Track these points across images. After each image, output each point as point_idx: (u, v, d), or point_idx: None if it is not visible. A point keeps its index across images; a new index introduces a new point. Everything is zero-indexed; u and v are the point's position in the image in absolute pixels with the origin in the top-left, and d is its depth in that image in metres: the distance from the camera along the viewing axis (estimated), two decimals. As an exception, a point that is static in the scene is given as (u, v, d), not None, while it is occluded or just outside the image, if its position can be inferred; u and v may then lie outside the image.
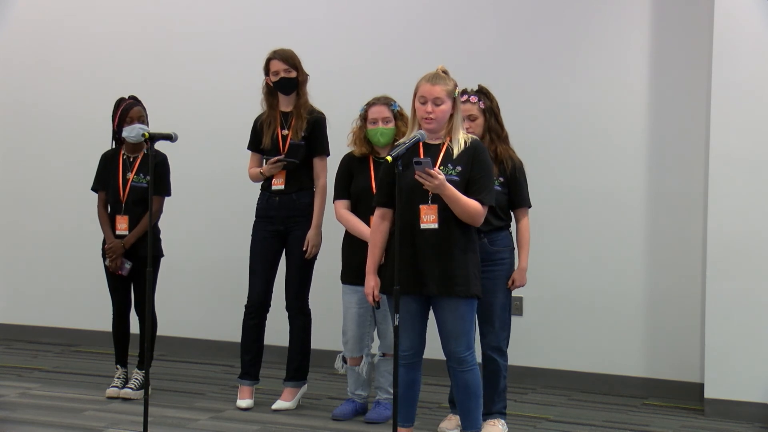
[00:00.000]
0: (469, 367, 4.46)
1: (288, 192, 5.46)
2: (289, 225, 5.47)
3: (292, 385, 5.54)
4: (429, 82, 4.43)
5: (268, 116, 5.51)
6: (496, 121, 5.01)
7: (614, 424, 5.37)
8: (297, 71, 5.46)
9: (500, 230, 4.97)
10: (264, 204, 5.54)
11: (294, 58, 5.47)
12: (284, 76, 5.43)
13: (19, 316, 7.35)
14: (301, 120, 5.43)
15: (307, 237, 5.43)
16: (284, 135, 5.46)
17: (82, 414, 5.35)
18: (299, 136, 5.43)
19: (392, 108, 5.22)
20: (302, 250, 5.43)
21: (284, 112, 5.49)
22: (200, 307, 6.88)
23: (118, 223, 5.64)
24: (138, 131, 5.55)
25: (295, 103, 5.47)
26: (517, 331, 5.23)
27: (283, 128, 5.47)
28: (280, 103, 5.51)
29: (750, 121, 5.44)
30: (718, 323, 5.49)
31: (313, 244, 5.45)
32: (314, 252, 5.47)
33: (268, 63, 5.47)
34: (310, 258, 5.48)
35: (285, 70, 5.43)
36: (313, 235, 5.45)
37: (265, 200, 5.54)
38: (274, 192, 5.48)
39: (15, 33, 7.35)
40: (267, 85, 5.51)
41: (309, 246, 5.43)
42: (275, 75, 5.43)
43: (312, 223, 5.44)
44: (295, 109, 5.46)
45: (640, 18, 5.96)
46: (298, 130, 5.43)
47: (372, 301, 4.58)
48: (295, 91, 5.47)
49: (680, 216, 5.91)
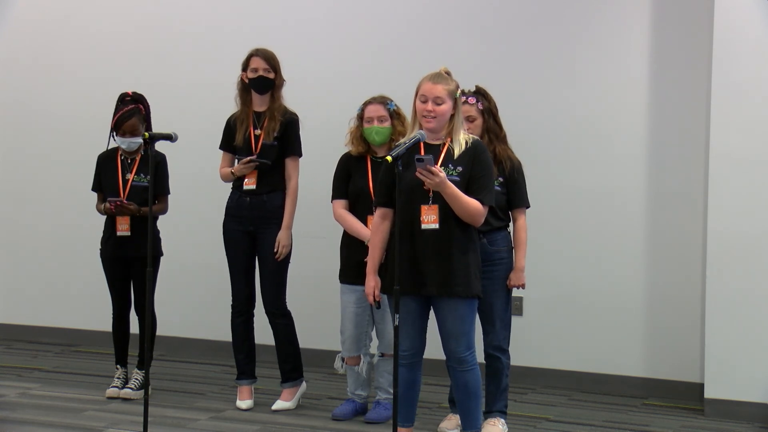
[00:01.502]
0: (469, 367, 4.46)
1: (259, 193, 5.43)
2: (258, 226, 5.45)
3: (290, 386, 5.54)
4: (431, 81, 4.44)
5: (241, 114, 5.49)
6: (495, 122, 5.02)
7: (614, 424, 5.37)
8: (275, 73, 5.44)
9: (499, 230, 4.98)
10: (234, 203, 5.51)
11: (275, 60, 5.45)
12: (263, 75, 5.40)
13: (19, 316, 7.35)
14: (274, 121, 5.41)
15: (277, 238, 5.41)
16: (256, 135, 5.44)
17: (82, 414, 5.35)
18: (271, 137, 5.41)
19: (388, 107, 5.23)
20: (273, 252, 5.42)
21: (257, 112, 5.48)
22: (200, 307, 6.87)
23: (119, 223, 5.63)
24: (129, 144, 5.58)
25: (269, 104, 5.45)
26: (517, 331, 5.23)
27: (255, 128, 5.45)
28: (254, 102, 5.48)
29: (750, 121, 5.44)
30: (718, 323, 5.49)
31: (284, 245, 5.41)
32: (285, 252, 5.43)
33: (249, 59, 5.44)
34: (282, 259, 5.46)
35: (265, 69, 5.41)
36: (283, 236, 5.41)
37: (235, 199, 5.51)
38: (245, 192, 5.45)
39: (15, 33, 7.35)
40: (242, 81, 5.48)
41: (279, 247, 5.40)
42: (254, 72, 5.41)
43: (282, 224, 5.42)
44: (268, 110, 5.44)
45: (640, 18, 5.96)
46: (271, 131, 5.41)
47: (372, 301, 4.58)
48: (270, 93, 5.45)
49: (680, 216, 5.91)
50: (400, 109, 5.24)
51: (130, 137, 5.58)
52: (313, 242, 6.15)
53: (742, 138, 5.44)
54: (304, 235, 6.01)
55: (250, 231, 5.47)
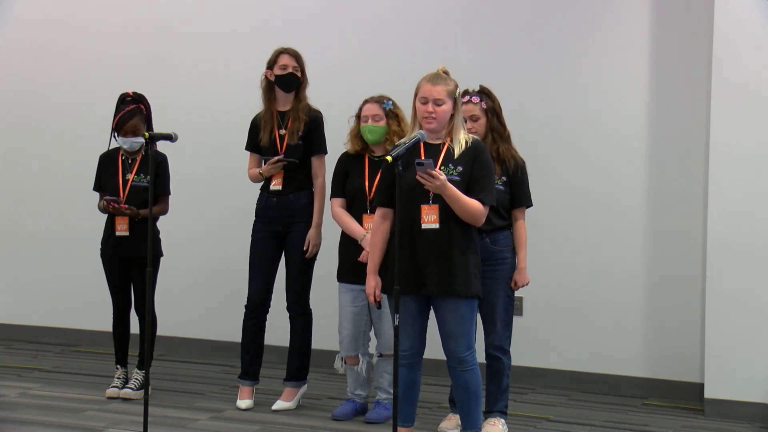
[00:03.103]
0: (469, 367, 4.46)
1: (285, 193, 5.45)
2: (287, 226, 5.47)
3: (292, 385, 5.54)
4: (430, 82, 4.44)
5: (265, 114, 5.50)
6: (498, 121, 5.02)
7: (614, 424, 5.37)
8: (302, 72, 5.47)
9: (502, 230, 4.97)
10: (263, 204, 5.54)
11: (302, 60, 5.48)
12: (293, 72, 5.42)
13: (19, 316, 7.35)
14: (298, 121, 5.42)
15: (307, 236, 5.43)
16: (281, 135, 5.46)
17: (82, 414, 5.35)
18: (296, 137, 5.42)
19: (384, 106, 5.23)
20: (302, 250, 5.43)
21: (281, 112, 5.49)
22: (200, 307, 6.88)
23: (117, 223, 5.63)
24: (131, 144, 5.58)
25: (293, 104, 5.47)
26: (517, 331, 5.23)
27: (279, 128, 5.46)
28: (278, 102, 5.49)
29: (750, 120, 5.44)
30: (718, 323, 5.49)
31: (314, 243, 5.45)
32: (315, 251, 5.47)
33: (277, 57, 5.45)
34: (310, 258, 5.48)
35: (294, 67, 5.43)
36: (313, 235, 5.44)
37: (263, 201, 5.54)
38: (272, 192, 5.48)
39: (15, 33, 7.35)
40: (267, 79, 5.49)
41: (310, 245, 5.43)
42: (283, 69, 5.41)
43: (312, 223, 5.44)
44: (292, 110, 5.45)
45: (640, 18, 5.97)
46: (295, 131, 5.42)
47: (373, 301, 4.58)
48: (295, 92, 5.47)
49: (680, 216, 5.91)
50: (399, 108, 5.24)
51: (132, 137, 5.58)
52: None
53: (742, 138, 5.44)
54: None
55: (278, 231, 5.48)
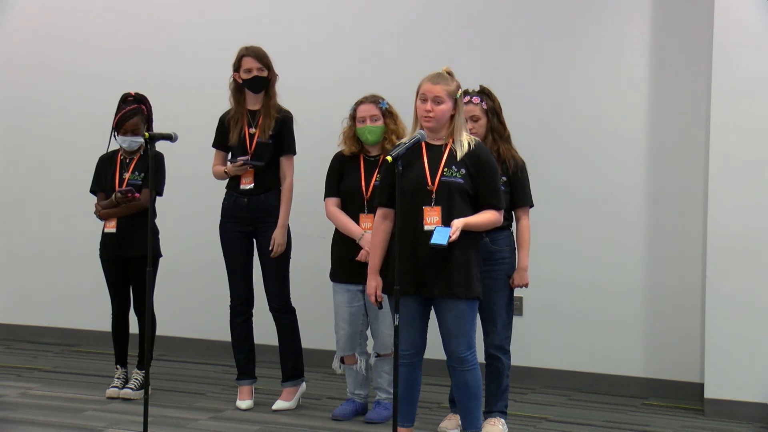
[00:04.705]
0: (469, 367, 4.47)
1: (257, 193, 5.43)
2: (257, 226, 5.45)
3: (290, 385, 5.54)
4: (430, 81, 4.45)
5: (235, 113, 5.48)
6: (499, 121, 5.03)
7: (614, 424, 5.37)
8: (268, 70, 5.44)
9: (502, 230, 4.97)
10: (231, 204, 5.50)
11: (266, 57, 5.44)
12: (257, 74, 5.40)
13: (19, 316, 7.35)
14: (269, 119, 5.41)
15: (273, 236, 5.41)
16: (251, 133, 5.44)
17: (82, 414, 5.35)
18: (267, 134, 5.41)
19: (380, 106, 5.24)
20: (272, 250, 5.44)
21: (251, 110, 5.47)
22: (200, 307, 6.87)
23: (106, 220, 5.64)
24: (131, 144, 5.58)
25: (263, 102, 5.45)
26: (517, 331, 5.23)
27: (250, 126, 5.45)
28: (248, 101, 5.48)
29: (750, 120, 5.44)
30: (718, 323, 5.49)
31: (279, 243, 5.41)
32: (280, 251, 5.43)
33: (240, 60, 5.43)
34: (283, 256, 5.46)
35: (258, 68, 5.40)
36: (278, 235, 5.41)
37: (232, 200, 5.50)
38: (242, 192, 5.45)
39: (15, 33, 7.35)
40: (235, 81, 5.47)
41: (275, 245, 5.40)
42: (247, 72, 5.40)
43: (278, 223, 5.42)
44: (263, 108, 5.43)
45: (640, 18, 5.96)
46: (266, 128, 5.41)
47: (374, 301, 4.59)
48: (264, 90, 5.45)
49: (680, 215, 5.91)
50: (392, 107, 5.25)
51: (131, 136, 5.58)
52: (310, 241, 6.14)
53: (742, 138, 5.44)
54: (309, 235, 6.03)
55: (250, 231, 5.48)
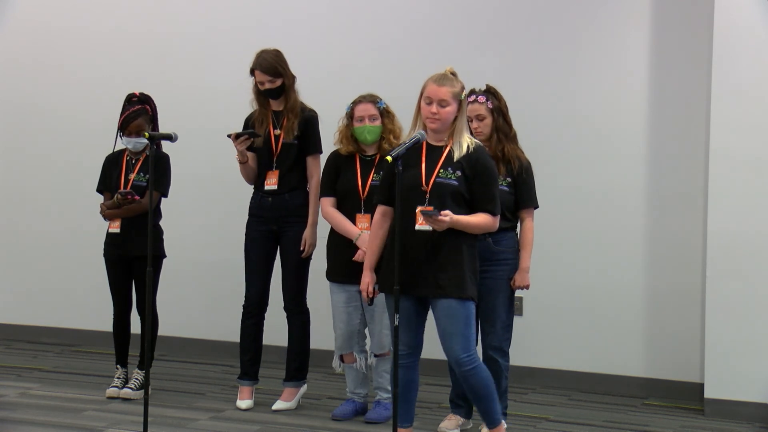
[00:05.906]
0: (468, 369, 4.43)
1: (281, 192, 5.44)
2: (281, 225, 5.46)
3: (292, 385, 5.54)
4: (436, 83, 4.44)
5: (260, 115, 5.49)
6: (504, 121, 5.01)
7: (614, 424, 5.37)
8: (282, 77, 5.40)
9: (506, 231, 4.95)
10: (257, 204, 5.52)
11: (276, 67, 5.37)
12: (269, 87, 5.40)
13: (19, 316, 7.35)
14: (293, 120, 5.42)
15: (303, 236, 5.43)
16: (276, 135, 5.45)
17: (82, 414, 5.35)
18: (291, 135, 5.42)
19: (378, 105, 5.24)
20: (298, 249, 5.42)
21: (276, 112, 5.48)
22: (200, 307, 6.88)
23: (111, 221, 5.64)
24: (135, 144, 5.59)
25: (285, 105, 5.45)
26: (517, 331, 5.23)
27: (275, 128, 5.46)
28: (271, 103, 5.49)
29: (750, 121, 5.44)
30: (718, 323, 5.49)
31: (310, 242, 5.44)
32: (311, 250, 5.46)
33: (253, 71, 5.43)
34: (306, 257, 5.48)
35: (269, 80, 5.38)
36: (309, 234, 5.43)
37: (257, 200, 5.52)
38: (266, 192, 5.47)
39: (15, 33, 7.35)
40: (256, 86, 5.47)
41: (306, 245, 5.42)
42: (261, 85, 5.41)
43: (308, 222, 5.44)
44: (285, 110, 5.44)
45: (640, 18, 5.97)
46: (290, 129, 5.42)
47: (366, 297, 4.59)
48: (283, 95, 5.45)
49: (680, 216, 5.91)
50: (389, 107, 5.26)
51: (136, 137, 5.58)
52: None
53: (742, 138, 5.44)
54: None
55: (273, 230, 5.48)
